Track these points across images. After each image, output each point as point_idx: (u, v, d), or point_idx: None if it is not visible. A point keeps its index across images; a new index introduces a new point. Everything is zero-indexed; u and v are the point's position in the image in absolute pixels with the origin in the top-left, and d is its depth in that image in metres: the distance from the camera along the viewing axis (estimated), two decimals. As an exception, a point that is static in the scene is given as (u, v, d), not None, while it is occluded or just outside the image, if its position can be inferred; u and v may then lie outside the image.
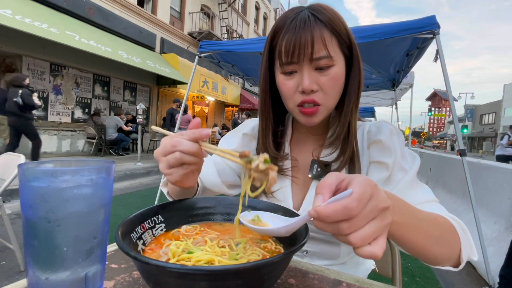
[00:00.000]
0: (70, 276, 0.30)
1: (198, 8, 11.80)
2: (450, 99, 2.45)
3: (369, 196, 0.30)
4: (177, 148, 0.43)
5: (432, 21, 2.45)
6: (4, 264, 2.08)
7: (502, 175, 2.83)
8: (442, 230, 0.47)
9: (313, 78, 0.59)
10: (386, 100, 7.75)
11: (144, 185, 5.06)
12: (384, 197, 0.32)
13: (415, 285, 2.11)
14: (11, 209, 3.21)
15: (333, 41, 0.59)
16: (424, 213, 0.46)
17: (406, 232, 0.40)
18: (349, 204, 0.29)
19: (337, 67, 0.60)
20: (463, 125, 33.29)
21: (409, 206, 0.43)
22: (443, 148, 64.81)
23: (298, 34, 0.57)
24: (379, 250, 0.30)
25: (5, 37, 5.55)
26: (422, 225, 0.43)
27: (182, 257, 0.40)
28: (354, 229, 0.30)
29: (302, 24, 0.58)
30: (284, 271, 0.46)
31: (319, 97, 0.60)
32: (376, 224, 0.30)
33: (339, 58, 0.61)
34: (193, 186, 0.56)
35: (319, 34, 0.57)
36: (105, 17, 7.69)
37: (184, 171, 0.46)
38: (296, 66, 0.60)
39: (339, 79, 0.61)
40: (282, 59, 0.60)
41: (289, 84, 0.61)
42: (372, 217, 0.30)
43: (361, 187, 0.30)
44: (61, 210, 0.29)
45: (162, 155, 0.45)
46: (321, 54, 0.57)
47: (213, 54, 3.75)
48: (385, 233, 0.31)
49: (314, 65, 0.59)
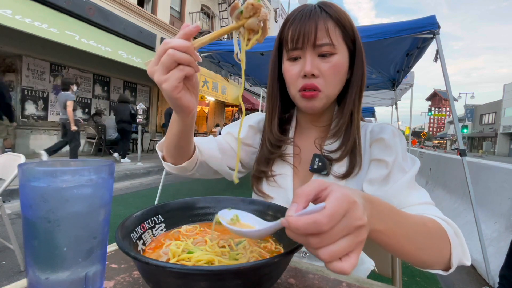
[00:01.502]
0: (70, 276, 0.30)
1: (198, 8, 11.80)
2: (450, 99, 2.45)
3: (343, 212, 0.29)
4: (168, 45, 0.41)
5: (432, 21, 2.45)
6: (4, 264, 2.07)
7: (502, 175, 2.83)
8: (431, 234, 0.47)
9: (315, 63, 0.63)
10: (386, 100, 7.75)
11: (144, 185, 5.06)
12: (360, 215, 0.31)
13: (415, 285, 2.11)
14: (11, 209, 3.21)
15: (337, 32, 0.64)
16: (413, 218, 0.46)
17: (390, 239, 0.40)
18: (320, 220, 0.28)
19: (339, 56, 0.64)
20: (463, 125, 33.33)
21: (395, 212, 0.42)
22: (443, 148, 64.82)
23: (304, 23, 0.63)
24: (349, 267, 0.29)
25: (5, 37, 5.54)
26: (408, 231, 0.43)
27: (182, 257, 0.40)
28: (323, 244, 0.29)
29: (308, 14, 0.64)
30: (284, 271, 0.46)
31: (319, 82, 0.64)
32: (348, 241, 0.30)
33: (342, 48, 0.64)
34: (192, 111, 0.50)
35: (323, 23, 0.62)
36: (105, 17, 7.68)
37: (180, 73, 0.42)
38: (300, 52, 0.64)
39: (341, 68, 0.65)
40: (288, 45, 0.65)
41: (293, 70, 0.66)
42: (345, 234, 0.30)
43: (337, 202, 0.29)
44: (61, 210, 0.29)
45: (155, 64, 0.43)
46: (324, 41, 0.62)
47: (213, 54, 3.75)
48: (358, 250, 0.31)
49: (317, 51, 0.63)
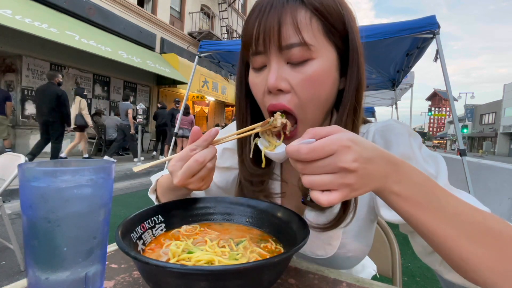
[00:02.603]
0: (70, 276, 0.30)
1: (198, 8, 11.80)
2: (450, 99, 2.45)
3: (329, 151, 0.31)
4: (207, 161, 0.44)
5: (432, 21, 2.45)
6: (4, 264, 2.07)
7: (502, 175, 2.83)
8: (489, 225, 0.35)
9: (284, 73, 0.46)
10: (386, 100, 7.75)
11: (144, 185, 5.06)
12: (348, 159, 0.31)
13: (415, 285, 2.11)
14: (11, 209, 3.21)
15: (315, 25, 0.44)
16: (462, 202, 0.36)
17: (412, 209, 0.34)
18: (301, 149, 0.32)
19: (319, 62, 0.45)
20: (463, 125, 33.31)
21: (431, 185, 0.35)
22: (443, 148, 64.85)
23: (265, 17, 0.45)
24: (325, 200, 0.32)
25: (5, 37, 5.55)
26: (448, 208, 0.34)
27: (182, 257, 0.40)
28: (305, 172, 0.33)
29: (270, 4, 0.45)
30: (284, 271, 0.46)
31: (291, 101, 0.46)
32: (331, 178, 0.32)
33: (324, 49, 0.46)
34: None
35: (290, 14, 0.44)
36: (105, 17, 7.68)
37: (213, 173, 0.49)
38: (263, 57, 0.47)
39: (323, 78, 0.46)
40: (248, 48, 0.48)
41: (257, 83, 0.49)
42: (328, 171, 0.32)
43: (325, 141, 0.32)
44: (61, 210, 0.29)
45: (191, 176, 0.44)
46: (292, 40, 0.44)
47: (213, 54, 3.76)
48: (342, 191, 0.32)
49: (285, 56, 0.45)
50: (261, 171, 0.57)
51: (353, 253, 0.58)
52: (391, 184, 0.34)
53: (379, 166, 0.33)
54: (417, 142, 0.51)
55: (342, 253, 0.57)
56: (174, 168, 0.44)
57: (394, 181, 0.34)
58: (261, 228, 0.52)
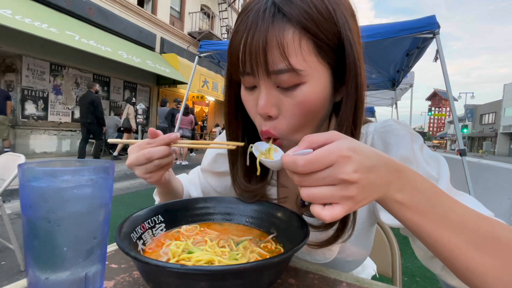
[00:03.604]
0: (70, 276, 0.30)
1: (198, 8, 11.80)
2: (450, 99, 2.45)
3: (328, 162, 0.30)
4: (153, 158, 0.48)
5: (432, 21, 2.45)
6: (4, 264, 2.07)
7: (502, 175, 2.83)
8: (497, 234, 0.34)
9: (273, 98, 0.44)
10: (386, 100, 7.76)
11: (144, 185, 5.06)
12: (348, 170, 0.29)
13: (415, 285, 2.11)
14: (11, 209, 3.21)
15: (304, 47, 0.40)
16: (467, 209, 0.35)
17: (416, 217, 0.33)
18: (297, 161, 0.30)
19: (310, 86, 0.42)
20: (463, 125, 33.31)
21: (435, 191, 0.34)
22: (443, 148, 64.86)
23: (249, 39, 0.41)
24: (327, 216, 0.30)
25: (5, 37, 5.55)
26: (452, 216, 0.34)
27: (182, 257, 0.40)
28: (303, 184, 0.32)
29: (255, 19, 0.41)
30: (284, 271, 0.46)
31: (279, 128, 0.45)
32: (332, 191, 0.30)
33: (316, 71, 0.42)
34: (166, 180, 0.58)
35: (276, 34, 0.39)
36: (105, 17, 7.68)
37: (163, 171, 0.52)
38: (252, 79, 0.44)
39: (314, 102, 0.43)
40: (236, 69, 0.45)
41: (250, 102, 0.48)
42: (328, 182, 0.30)
43: (323, 152, 0.30)
44: (61, 210, 0.29)
45: (136, 165, 0.49)
46: (279, 66, 0.40)
47: (213, 54, 3.75)
48: (344, 205, 0.31)
49: (274, 81, 0.43)
50: (254, 187, 0.55)
51: (353, 258, 0.58)
52: (394, 192, 0.33)
53: (381, 174, 0.32)
54: (418, 143, 0.50)
55: (342, 258, 0.57)
56: (131, 150, 0.50)
57: (396, 189, 0.33)
58: (261, 228, 0.52)
